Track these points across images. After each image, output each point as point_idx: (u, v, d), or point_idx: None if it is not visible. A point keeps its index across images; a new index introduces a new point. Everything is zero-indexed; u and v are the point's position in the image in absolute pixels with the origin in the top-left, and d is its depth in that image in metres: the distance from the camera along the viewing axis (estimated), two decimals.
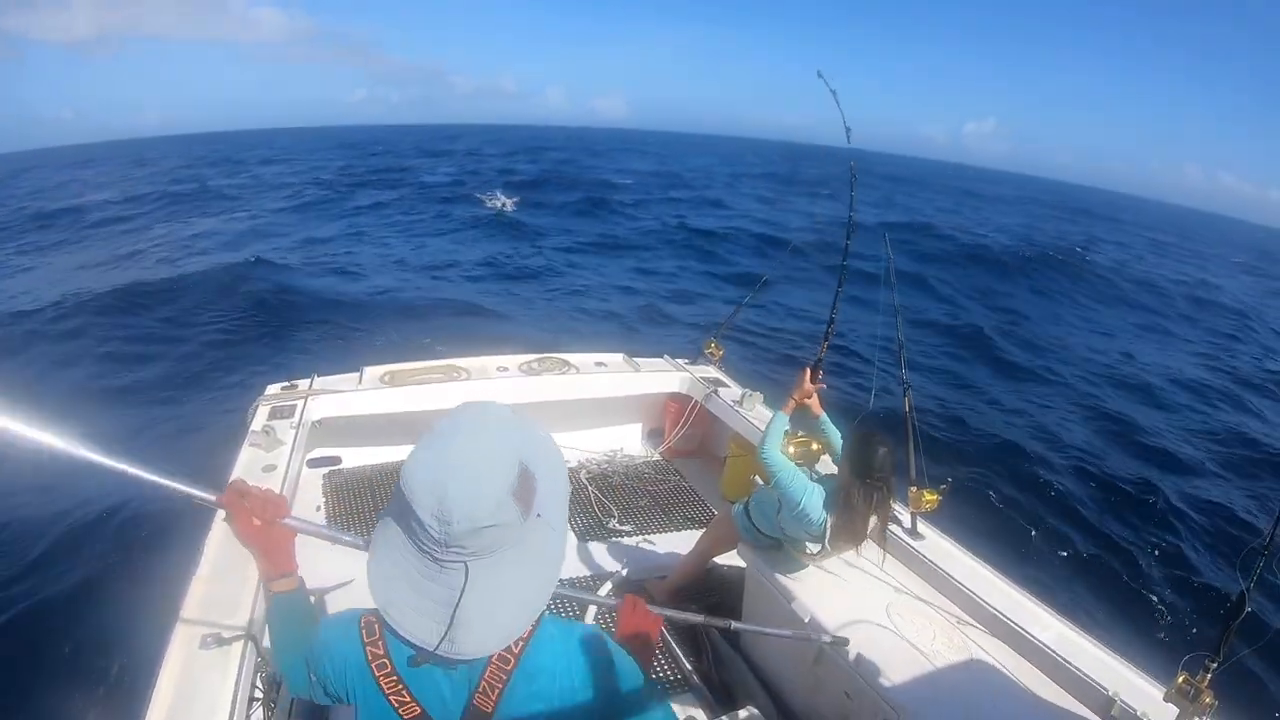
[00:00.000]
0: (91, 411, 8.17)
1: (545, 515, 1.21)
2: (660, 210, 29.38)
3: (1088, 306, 18.04)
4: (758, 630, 2.80)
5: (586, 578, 4.15)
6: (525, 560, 1.18)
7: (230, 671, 2.31)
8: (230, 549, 3.01)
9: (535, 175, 40.22)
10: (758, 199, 35.99)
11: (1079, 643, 2.90)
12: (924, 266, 19.91)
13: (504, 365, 5.38)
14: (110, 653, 4.61)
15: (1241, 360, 16.08)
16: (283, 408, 4.46)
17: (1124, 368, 13.69)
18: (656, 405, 5.89)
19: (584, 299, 15.09)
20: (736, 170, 54.38)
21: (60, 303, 12.82)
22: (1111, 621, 5.99)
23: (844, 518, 2.96)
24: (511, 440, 1.24)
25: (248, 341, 11.48)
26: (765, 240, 21.59)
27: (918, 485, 3.56)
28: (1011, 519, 7.61)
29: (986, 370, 12.76)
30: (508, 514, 1.11)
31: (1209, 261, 39.69)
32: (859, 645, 2.76)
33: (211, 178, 38.78)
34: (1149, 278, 24.22)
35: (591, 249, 20.96)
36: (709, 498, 5.15)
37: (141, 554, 5.56)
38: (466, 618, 1.12)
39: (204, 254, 17.98)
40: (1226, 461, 9.95)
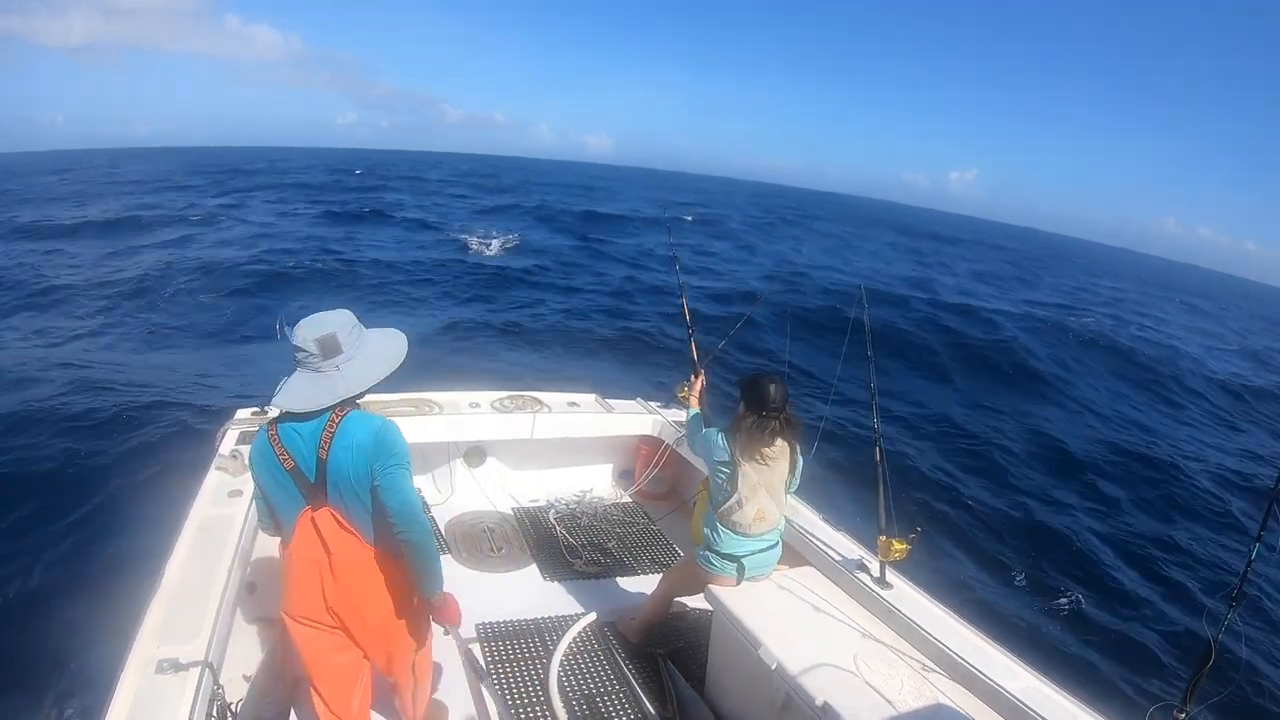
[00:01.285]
0: None
1: (341, 371, 2.26)
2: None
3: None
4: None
5: (553, 617, 4.08)
6: (317, 381, 2.26)
7: (186, 697, 2.24)
8: (191, 572, 2.94)
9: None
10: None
11: (1047, 693, 2.89)
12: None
13: (476, 401, 5.35)
14: (64, 673, 4.46)
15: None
16: (252, 433, 4.39)
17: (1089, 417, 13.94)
18: (628, 447, 5.87)
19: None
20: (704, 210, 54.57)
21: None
22: (1081, 670, 6.00)
23: (744, 443, 3.25)
24: (344, 330, 2.29)
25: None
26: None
27: (887, 534, 3.56)
28: (978, 563, 7.65)
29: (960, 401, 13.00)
30: (313, 356, 2.23)
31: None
32: (826, 693, 2.73)
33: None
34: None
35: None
36: (678, 541, 5.11)
37: (101, 570, 5.39)
38: (288, 390, 2.26)
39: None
40: (1195, 510, 10.12)
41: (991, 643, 3.21)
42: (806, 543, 4.05)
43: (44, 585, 5.32)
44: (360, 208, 34.61)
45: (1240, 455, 13.27)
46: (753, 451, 3.25)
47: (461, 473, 5.49)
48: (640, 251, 27.77)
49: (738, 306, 17.82)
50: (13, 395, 8.75)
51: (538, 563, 4.70)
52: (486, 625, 3.92)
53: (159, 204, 32.00)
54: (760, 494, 3.29)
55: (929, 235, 68.84)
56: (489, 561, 4.63)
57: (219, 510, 3.50)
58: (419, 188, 52.22)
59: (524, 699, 3.39)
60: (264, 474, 2.30)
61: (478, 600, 4.18)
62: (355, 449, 2.23)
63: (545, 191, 57.23)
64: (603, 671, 3.66)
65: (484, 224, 31.36)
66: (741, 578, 3.39)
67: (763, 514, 3.32)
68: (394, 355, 2.41)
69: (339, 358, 2.25)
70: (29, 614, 5.01)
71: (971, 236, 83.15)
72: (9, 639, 4.75)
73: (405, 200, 41.62)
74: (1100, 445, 12.13)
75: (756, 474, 3.26)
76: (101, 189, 39.86)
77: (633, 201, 54.58)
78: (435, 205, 40.29)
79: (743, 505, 3.28)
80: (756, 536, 3.35)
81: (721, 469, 3.33)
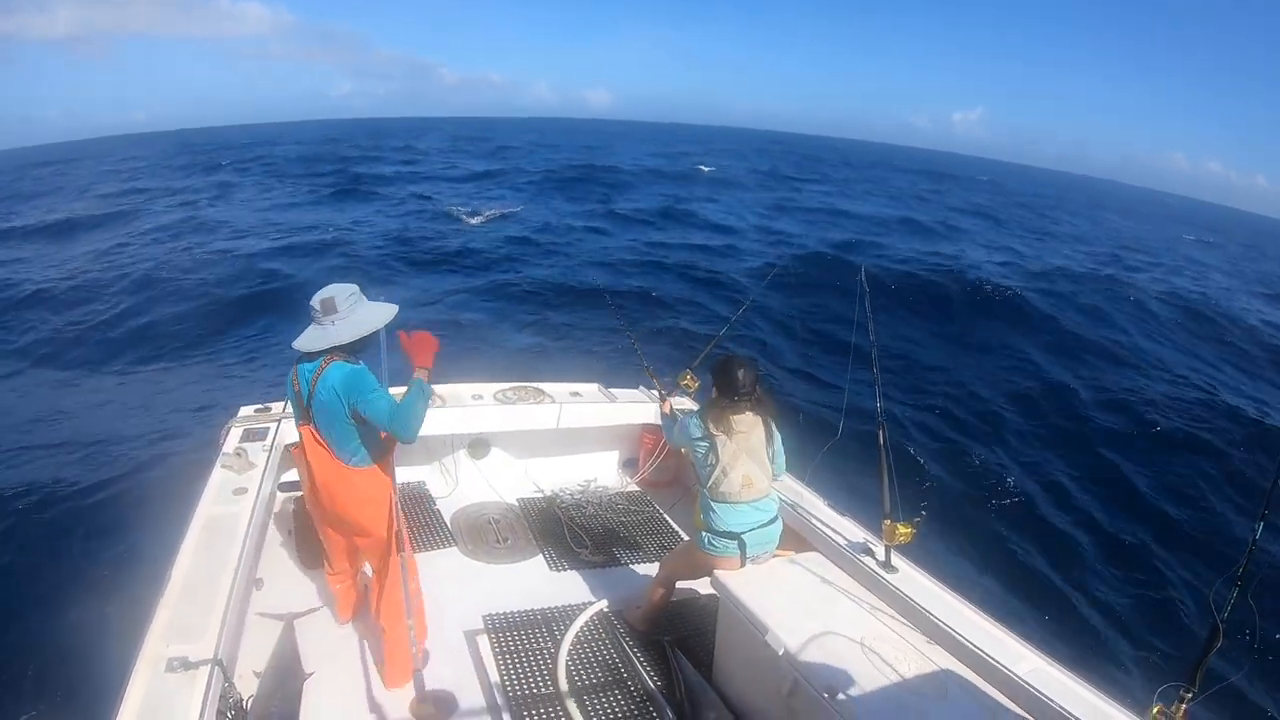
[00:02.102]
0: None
1: (335, 326, 2.98)
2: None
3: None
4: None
5: (560, 607, 4.10)
6: (317, 331, 3.00)
7: (197, 695, 2.26)
8: (198, 570, 2.96)
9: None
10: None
11: (1054, 675, 2.90)
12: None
13: (479, 393, 5.35)
14: (74, 671, 4.51)
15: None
16: (255, 430, 4.40)
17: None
18: (631, 436, 5.87)
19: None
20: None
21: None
22: (1088, 652, 6.01)
23: (716, 418, 3.39)
24: (344, 297, 3.03)
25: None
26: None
27: (891, 518, 3.56)
28: (983, 545, 7.65)
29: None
30: (318, 313, 2.98)
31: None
32: (833, 677, 2.74)
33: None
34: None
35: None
36: (683, 528, 5.12)
37: (109, 571, 5.44)
38: (300, 336, 3.02)
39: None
40: (1202, 488, 10.08)
41: (998, 625, 3.21)
42: (811, 527, 4.05)
43: (52, 587, 5.36)
44: (352, 183, 34.26)
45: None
46: (724, 424, 3.37)
47: (465, 465, 5.50)
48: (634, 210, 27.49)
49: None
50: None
51: (543, 553, 4.71)
52: (493, 616, 3.94)
53: (145, 194, 31.65)
54: (742, 460, 3.36)
55: (932, 175, 69.00)
56: (495, 553, 4.65)
57: (224, 508, 3.51)
58: (413, 157, 51.46)
59: (532, 689, 3.40)
60: (288, 392, 3.16)
61: (484, 591, 4.20)
62: (331, 389, 2.94)
63: (544, 155, 56.56)
64: (610, 660, 3.68)
65: (474, 195, 31.12)
66: (744, 556, 3.40)
67: (749, 480, 3.37)
68: (375, 320, 3.12)
69: (334, 315, 2.99)
70: (37, 616, 5.05)
71: (986, 177, 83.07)
72: (19, 640, 4.79)
73: (398, 171, 41.32)
74: (1113, 410, 12.07)
75: (734, 442, 3.36)
76: (94, 181, 39.50)
77: (635, 155, 54.27)
78: (428, 175, 39.96)
79: (727, 473, 3.34)
80: (749, 504, 3.39)
81: (699, 444, 3.43)
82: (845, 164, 77.04)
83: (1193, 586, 7.45)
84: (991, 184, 74.73)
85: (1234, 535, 8.53)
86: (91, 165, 50.66)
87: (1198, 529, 8.88)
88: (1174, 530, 8.78)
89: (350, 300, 3.03)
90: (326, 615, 3.77)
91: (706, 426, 3.41)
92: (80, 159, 59.57)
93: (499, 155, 54.47)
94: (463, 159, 50.00)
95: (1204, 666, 2.06)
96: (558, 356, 11.70)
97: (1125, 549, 8.15)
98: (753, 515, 3.41)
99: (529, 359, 11.33)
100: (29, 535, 5.94)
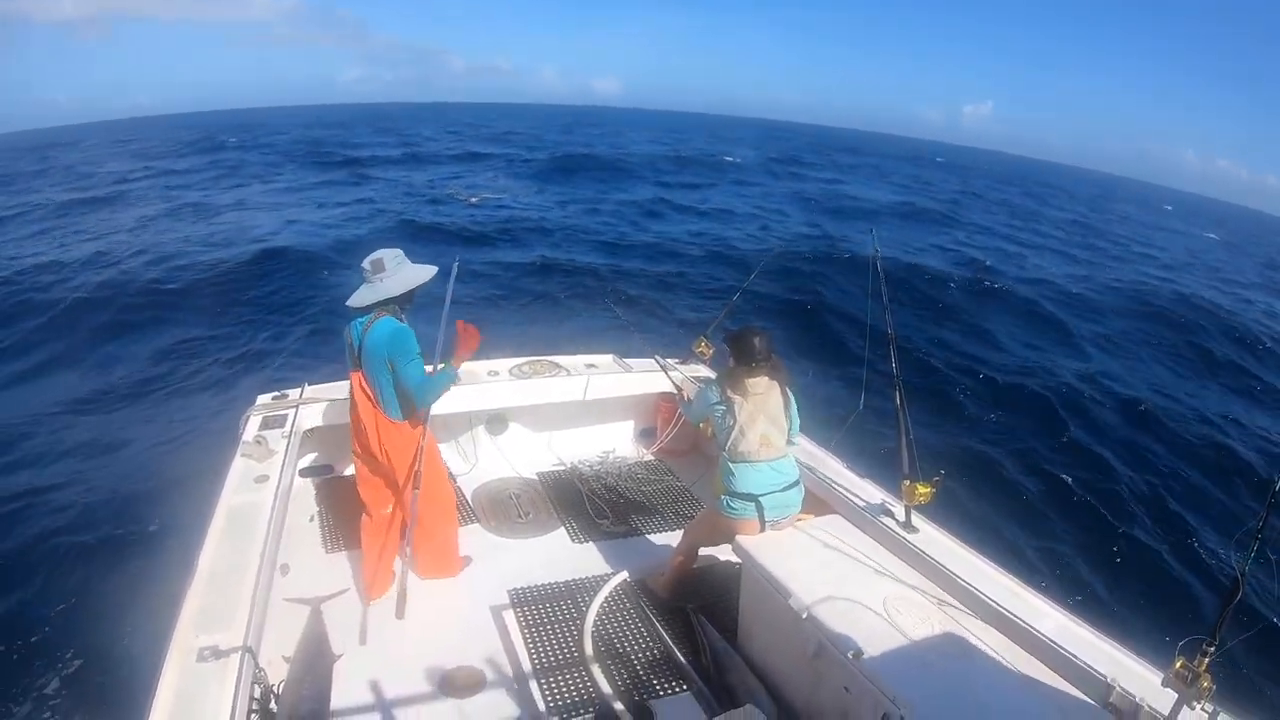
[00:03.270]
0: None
1: (383, 282, 3.41)
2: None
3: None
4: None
5: (583, 579, 4.14)
6: (366, 288, 3.43)
7: (229, 683, 2.30)
8: (223, 560, 3.00)
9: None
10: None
11: (1076, 631, 2.91)
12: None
13: (495, 369, 5.36)
14: (107, 665, 4.59)
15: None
16: (274, 417, 4.44)
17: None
18: (648, 405, 5.88)
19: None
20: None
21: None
22: (1108, 606, 6.02)
23: (733, 383, 3.49)
24: (390, 258, 3.46)
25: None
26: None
27: (911, 478, 3.56)
28: (1011, 502, 7.65)
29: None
30: (368, 271, 3.42)
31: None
32: (857, 639, 2.76)
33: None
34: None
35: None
36: (702, 497, 5.14)
37: (137, 564, 5.52)
38: (357, 295, 3.45)
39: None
40: (1222, 446, 10.01)
41: (1020, 583, 3.22)
42: (831, 490, 4.06)
43: (81, 583, 5.46)
44: (355, 166, 34.19)
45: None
46: (741, 388, 3.46)
47: (484, 441, 5.53)
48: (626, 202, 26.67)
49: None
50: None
51: (565, 526, 4.75)
52: (518, 590, 3.99)
53: (144, 179, 31.41)
54: (760, 421, 3.42)
55: (942, 168, 67.17)
56: (517, 528, 4.69)
57: (247, 497, 3.55)
58: (416, 143, 50.77)
59: (560, 661, 3.45)
60: (343, 341, 3.58)
61: (508, 566, 4.24)
62: (377, 341, 3.36)
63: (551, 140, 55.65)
64: (636, 629, 3.72)
65: (477, 177, 30.83)
66: (763, 520, 3.43)
67: (767, 439, 3.43)
68: (419, 277, 3.54)
69: (382, 274, 3.42)
70: (68, 612, 5.14)
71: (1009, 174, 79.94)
72: (54, 640, 4.88)
73: (395, 154, 41.13)
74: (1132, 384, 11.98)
75: (751, 404, 3.43)
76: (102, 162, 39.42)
77: (639, 145, 53.25)
78: (432, 158, 39.83)
79: (745, 433, 3.40)
80: (767, 464, 3.43)
81: (717, 408, 3.51)
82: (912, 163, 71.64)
83: (1216, 539, 7.44)
84: (1075, 194, 68.71)
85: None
86: (99, 149, 50.63)
87: (1224, 481, 8.86)
88: (1199, 482, 8.76)
89: (396, 260, 3.47)
90: (353, 597, 3.83)
91: (724, 391, 3.49)
92: (85, 141, 59.63)
93: (509, 141, 53.86)
94: (471, 143, 49.38)
95: (1225, 620, 2.06)
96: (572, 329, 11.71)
97: (1152, 501, 8.14)
98: (771, 476, 3.44)
99: (542, 332, 11.33)
100: (53, 537, 6.04)
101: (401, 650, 3.47)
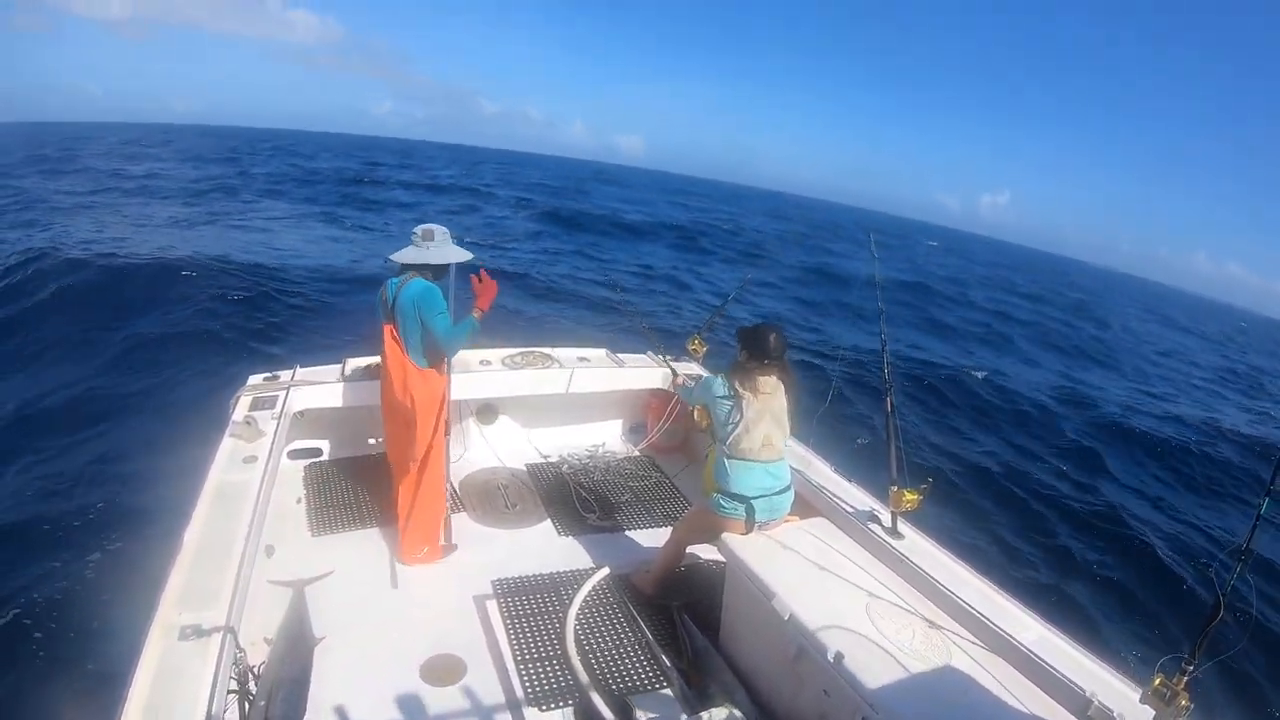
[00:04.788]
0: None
1: (429, 250, 3.80)
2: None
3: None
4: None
5: (568, 572, 4.14)
6: (414, 250, 3.81)
7: (210, 662, 2.29)
8: (209, 538, 2.99)
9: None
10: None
11: (1057, 644, 2.92)
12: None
13: (487, 359, 5.35)
14: (88, 642, 4.57)
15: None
16: (265, 398, 4.42)
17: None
18: (639, 401, 5.89)
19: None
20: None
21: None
22: (1092, 622, 6.06)
23: (743, 378, 3.47)
24: (440, 232, 3.86)
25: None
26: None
27: (898, 484, 3.57)
28: (990, 514, 7.68)
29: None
30: (418, 238, 3.82)
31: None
32: (838, 643, 2.76)
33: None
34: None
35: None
36: (690, 494, 5.15)
37: (120, 542, 5.48)
38: (403, 253, 3.82)
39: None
40: (1205, 466, 10.07)
41: (1003, 593, 3.23)
42: (818, 494, 4.07)
43: (63, 559, 5.40)
44: (377, 195, 33.73)
45: None
46: (751, 384, 3.45)
47: (474, 431, 5.52)
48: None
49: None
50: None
51: (551, 518, 4.75)
52: (502, 581, 3.99)
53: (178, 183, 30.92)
54: (765, 420, 3.43)
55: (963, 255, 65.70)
56: (503, 518, 4.69)
57: (235, 476, 3.53)
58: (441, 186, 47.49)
59: (540, 653, 3.45)
60: (377, 298, 3.91)
61: (493, 557, 4.24)
62: (409, 297, 3.71)
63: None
64: (618, 624, 3.72)
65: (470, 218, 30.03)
66: (751, 521, 3.43)
67: (769, 440, 3.44)
68: (459, 255, 3.91)
69: (430, 243, 3.82)
70: (49, 586, 5.10)
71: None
72: (34, 615, 4.84)
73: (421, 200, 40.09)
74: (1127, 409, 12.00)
75: (759, 402, 3.42)
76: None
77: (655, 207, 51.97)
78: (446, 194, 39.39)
79: (749, 430, 3.40)
80: (763, 465, 3.44)
81: (723, 402, 3.49)
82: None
83: (1197, 563, 7.48)
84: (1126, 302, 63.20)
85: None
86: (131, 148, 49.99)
87: (1209, 499, 8.92)
88: (1183, 501, 8.81)
89: (444, 236, 3.88)
90: (337, 581, 3.82)
91: (733, 385, 3.48)
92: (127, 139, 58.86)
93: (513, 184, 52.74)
94: (501, 188, 47.64)
95: (1206, 639, 2.07)
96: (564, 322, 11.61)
97: (1138, 518, 8.19)
98: (766, 479, 3.45)
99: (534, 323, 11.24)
100: (39, 510, 5.99)
101: (383, 636, 3.47)
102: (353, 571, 3.94)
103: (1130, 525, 8.19)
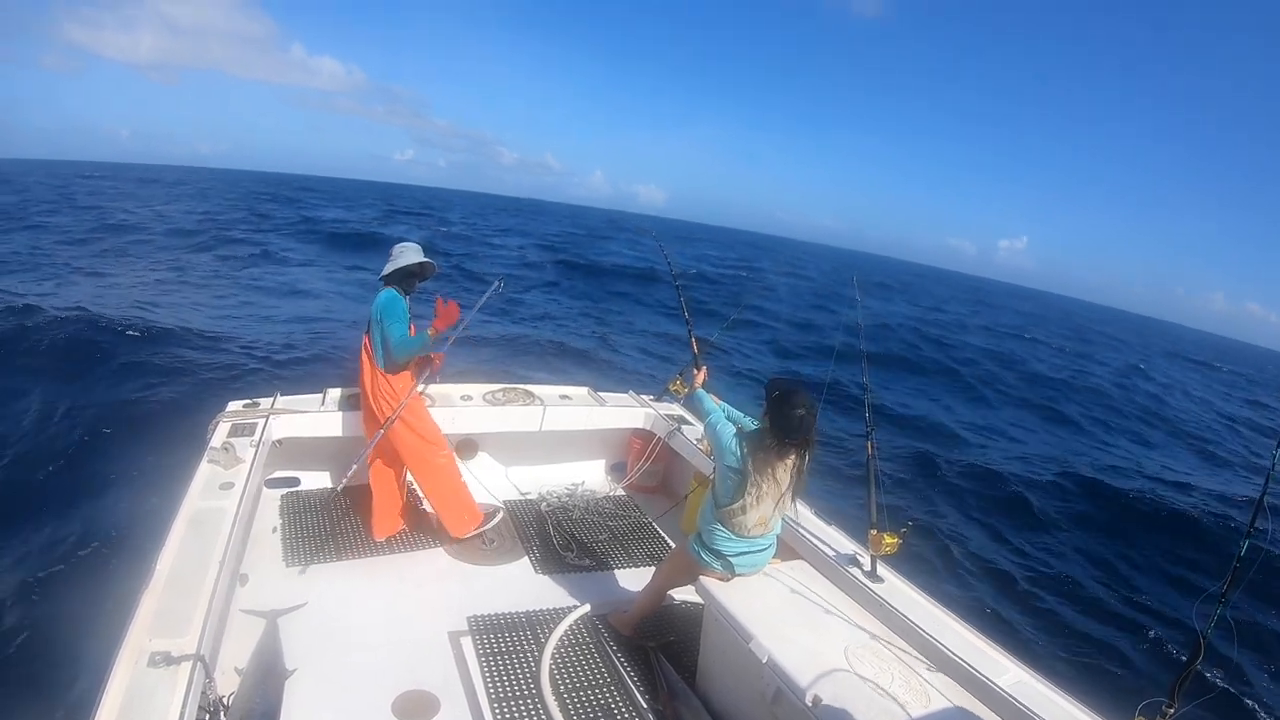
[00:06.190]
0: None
1: (394, 259, 4.21)
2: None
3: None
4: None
5: (544, 610, 4.09)
6: (386, 265, 4.22)
7: (178, 691, 2.23)
8: (182, 565, 2.93)
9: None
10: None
11: (1036, 687, 2.92)
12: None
13: (468, 394, 5.34)
14: (55, 666, 4.45)
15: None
16: (244, 425, 4.38)
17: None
18: (620, 440, 5.87)
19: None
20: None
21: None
22: (1070, 666, 6.05)
23: (760, 460, 3.17)
24: (403, 247, 4.26)
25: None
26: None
27: (878, 528, 3.58)
28: (968, 558, 7.68)
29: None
30: (393, 251, 4.28)
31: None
32: (816, 686, 2.74)
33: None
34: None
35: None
36: (670, 534, 5.12)
37: (92, 563, 5.37)
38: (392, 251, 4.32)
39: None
40: (1184, 508, 10.16)
41: (981, 637, 3.23)
42: (798, 536, 4.06)
43: (35, 579, 5.28)
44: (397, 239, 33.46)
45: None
46: (766, 467, 3.18)
47: None
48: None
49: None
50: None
51: (529, 556, 4.70)
52: (478, 618, 3.92)
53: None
54: (766, 503, 3.25)
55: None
56: (481, 554, 4.63)
57: (210, 503, 3.48)
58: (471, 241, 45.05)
59: (515, 691, 3.39)
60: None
61: (469, 593, 4.18)
62: (375, 305, 4.09)
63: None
64: (594, 664, 3.67)
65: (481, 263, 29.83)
66: (731, 574, 3.40)
67: (764, 520, 3.30)
68: (398, 262, 4.18)
69: (388, 258, 4.17)
70: (20, 606, 4.97)
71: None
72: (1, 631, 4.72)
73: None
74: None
75: (766, 485, 3.20)
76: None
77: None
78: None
79: (747, 511, 3.25)
80: (753, 539, 3.35)
81: (732, 474, 3.26)
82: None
83: (1176, 605, 7.51)
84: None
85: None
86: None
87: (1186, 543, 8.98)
88: (1168, 547, 8.87)
89: (400, 248, 4.24)
90: (310, 613, 3.75)
91: (746, 459, 3.21)
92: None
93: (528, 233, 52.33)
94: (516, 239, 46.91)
95: (1186, 681, 2.08)
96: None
97: (1117, 562, 8.22)
98: (749, 547, 3.37)
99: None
100: (11, 527, 5.86)
101: (355, 670, 3.39)
102: (327, 604, 3.86)
103: (1112, 559, 8.22)
